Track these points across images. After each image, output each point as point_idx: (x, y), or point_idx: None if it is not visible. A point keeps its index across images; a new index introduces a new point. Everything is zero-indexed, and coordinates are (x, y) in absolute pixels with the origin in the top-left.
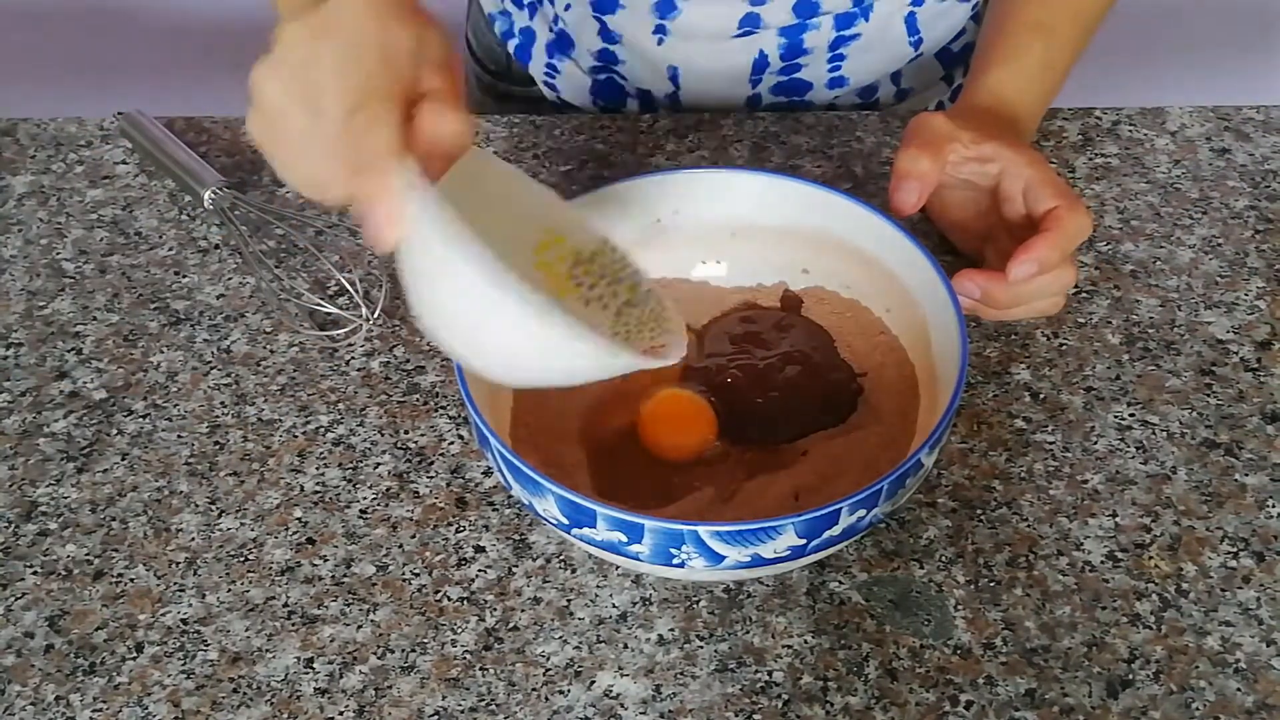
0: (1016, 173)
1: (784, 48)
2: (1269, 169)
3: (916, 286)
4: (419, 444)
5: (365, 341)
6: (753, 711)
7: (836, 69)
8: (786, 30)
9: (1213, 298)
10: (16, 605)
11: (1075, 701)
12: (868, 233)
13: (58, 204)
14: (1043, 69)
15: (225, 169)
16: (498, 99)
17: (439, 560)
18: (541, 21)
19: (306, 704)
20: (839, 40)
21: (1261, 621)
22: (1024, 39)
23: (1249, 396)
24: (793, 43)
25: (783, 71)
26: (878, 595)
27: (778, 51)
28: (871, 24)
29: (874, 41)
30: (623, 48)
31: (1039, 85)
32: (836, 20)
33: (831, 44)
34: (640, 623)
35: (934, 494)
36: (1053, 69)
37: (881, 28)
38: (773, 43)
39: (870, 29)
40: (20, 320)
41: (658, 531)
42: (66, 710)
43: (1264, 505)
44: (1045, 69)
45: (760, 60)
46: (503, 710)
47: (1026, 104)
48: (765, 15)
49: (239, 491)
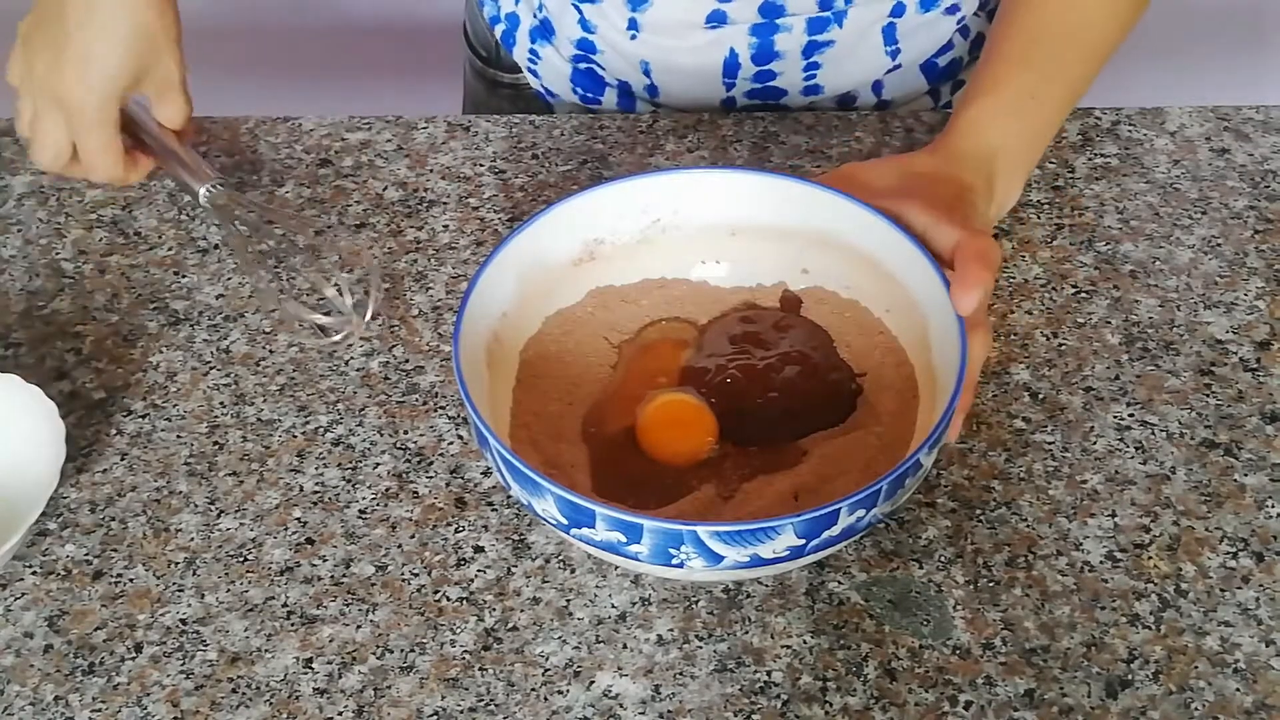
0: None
1: (755, 48)
2: (1269, 169)
3: (916, 287)
4: (418, 444)
5: (364, 342)
6: (752, 711)
7: (811, 77)
8: (757, 29)
9: (1212, 298)
10: (16, 605)
11: (1074, 702)
12: (867, 233)
13: (57, 204)
14: (1027, 100)
15: (225, 169)
16: (488, 85)
17: (438, 560)
18: (526, 7)
19: (306, 704)
20: (812, 46)
21: (1261, 621)
22: (1008, 71)
23: (1248, 396)
24: (763, 43)
25: (756, 78)
26: (877, 595)
27: (749, 52)
28: (846, 31)
29: (850, 50)
30: (599, 38)
31: (1023, 117)
32: (808, 24)
33: (804, 49)
34: (639, 623)
35: (933, 494)
36: (1039, 100)
37: (857, 36)
38: (743, 42)
39: (845, 36)
40: (20, 320)
41: (656, 532)
42: (65, 710)
43: (1263, 505)
44: (1030, 100)
45: (731, 60)
46: (502, 710)
47: (1007, 137)
48: (731, 12)
49: (238, 491)
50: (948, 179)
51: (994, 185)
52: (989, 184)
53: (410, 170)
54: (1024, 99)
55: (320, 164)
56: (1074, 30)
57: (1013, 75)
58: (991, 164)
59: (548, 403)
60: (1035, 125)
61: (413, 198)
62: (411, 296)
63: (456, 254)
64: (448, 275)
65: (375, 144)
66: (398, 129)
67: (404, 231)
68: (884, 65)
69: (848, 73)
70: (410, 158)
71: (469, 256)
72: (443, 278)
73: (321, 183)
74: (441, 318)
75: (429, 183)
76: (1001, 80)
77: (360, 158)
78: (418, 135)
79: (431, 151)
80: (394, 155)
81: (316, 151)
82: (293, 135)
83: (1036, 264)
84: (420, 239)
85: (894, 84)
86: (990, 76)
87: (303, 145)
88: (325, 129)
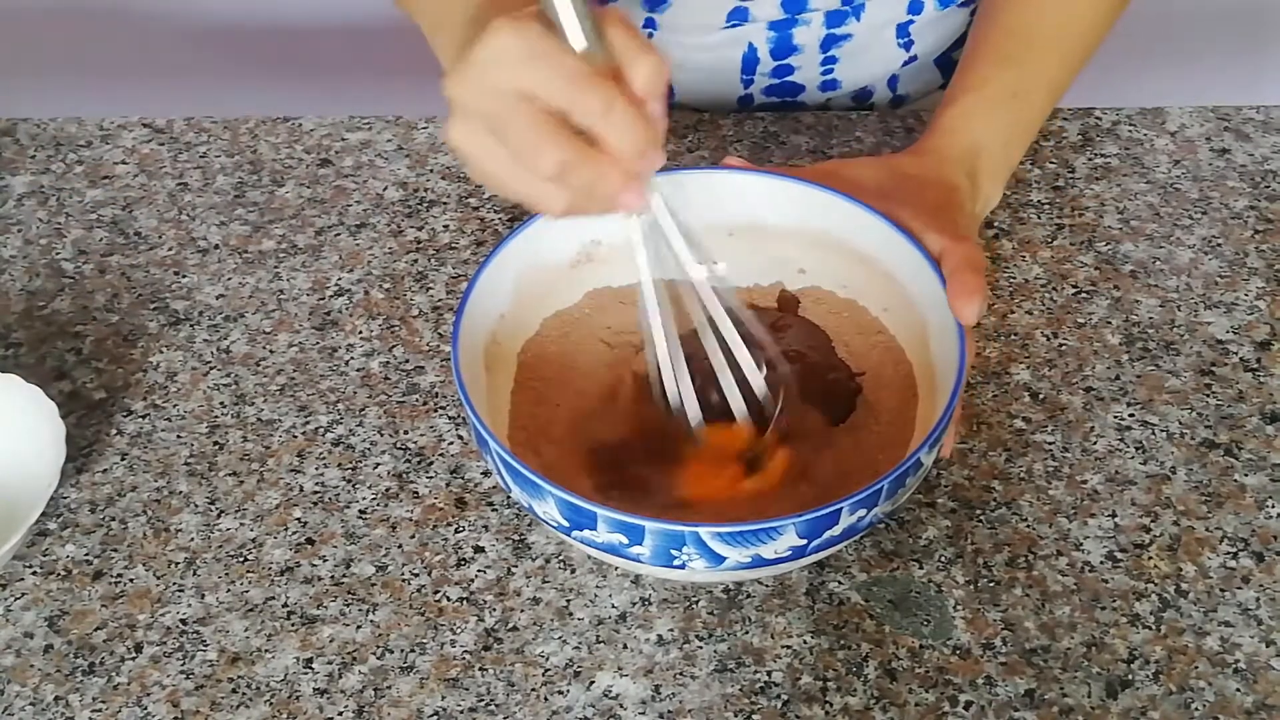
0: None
1: (774, 42)
2: (1269, 169)
3: (914, 286)
4: (418, 444)
5: (364, 341)
6: (752, 712)
7: (829, 71)
8: (776, 24)
9: (1212, 298)
10: (16, 605)
11: (1075, 702)
12: (865, 233)
13: (57, 204)
14: (1009, 98)
15: (225, 169)
16: None
17: (438, 560)
18: None
19: (306, 704)
20: (830, 40)
21: (1261, 622)
22: (990, 69)
23: (1249, 397)
24: (782, 37)
25: (774, 73)
26: (877, 595)
27: (767, 47)
28: (863, 24)
29: (866, 44)
30: None
31: (1006, 115)
32: (827, 18)
33: (823, 43)
34: (640, 623)
35: (933, 494)
36: (1022, 98)
37: (874, 30)
38: (762, 36)
39: (862, 29)
40: (20, 320)
41: (658, 533)
42: (66, 710)
43: (1263, 505)
44: (1012, 98)
45: (750, 56)
46: (502, 710)
47: (990, 134)
48: (754, 9)
49: (238, 491)
50: (935, 182)
51: (978, 183)
52: (974, 182)
53: (410, 170)
54: (1007, 97)
55: (320, 164)
56: (1056, 29)
57: (996, 73)
58: (975, 161)
59: (546, 404)
60: (1018, 123)
61: (413, 198)
62: (411, 296)
63: (457, 254)
64: (448, 275)
65: (375, 144)
66: (398, 129)
67: (404, 231)
68: (899, 59)
69: (864, 67)
70: (410, 158)
71: (469, 256)
72: (443, 278)
73: (321, 183)
74: (441, 318)
75: (429, 183)
76: (984, 79)
77: (360, 158)
78: (418, 135)
79: (432, 151)
80: (394, 155)
81: (316, 151)
82: (293, 135)
83: (1037, 264)
84: (420, 239)
85: (909, 78)
86: (973, 75)
87: (303, 145)
88: (325, 129)
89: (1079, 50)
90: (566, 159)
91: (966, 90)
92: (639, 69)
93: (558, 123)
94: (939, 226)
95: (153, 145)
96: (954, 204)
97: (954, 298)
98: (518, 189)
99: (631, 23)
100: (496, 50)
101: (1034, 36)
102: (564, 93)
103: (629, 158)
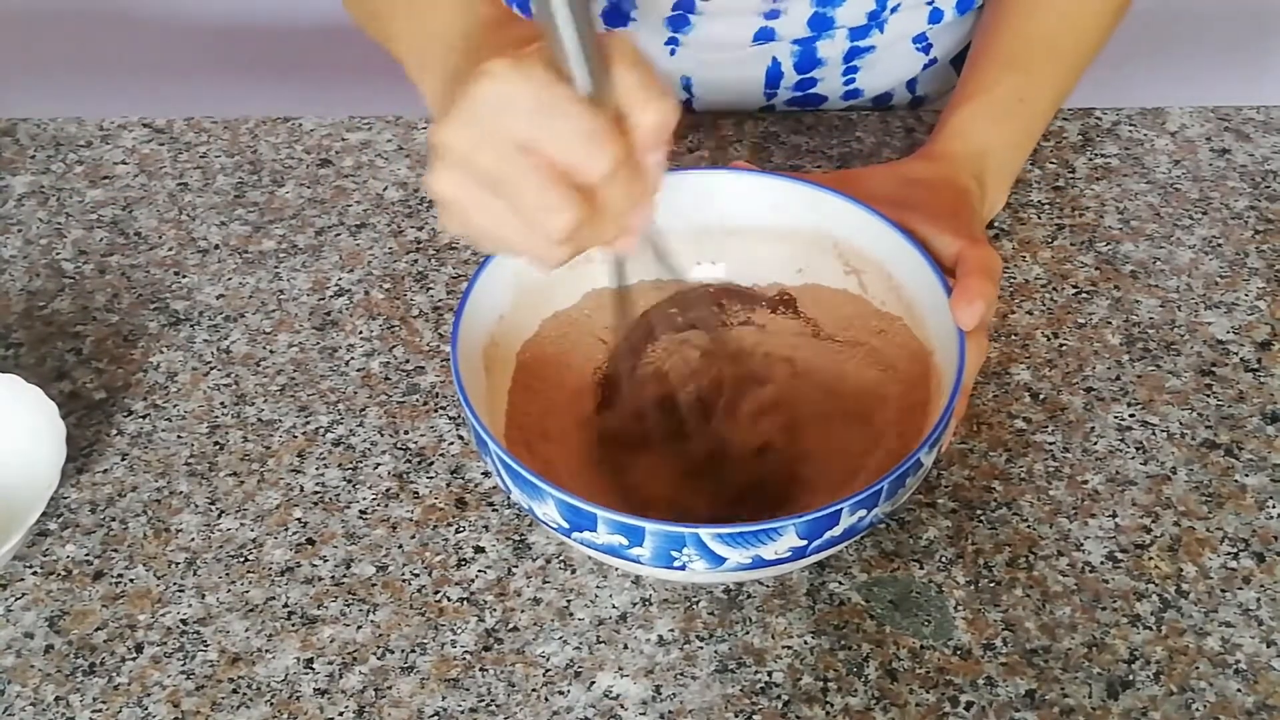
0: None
1: (798, 56)
2: (1269, 169)
3: (914, 286)
4: (419, 444)
5: (364, 341)
6: (752, 712)
7: (851, 81)
8: (801, 40)
9: (1213, 298)
10: (16, 605)
11: (1075, 702)
12: (865, 233)
13: (57, 204)
14: (1016, 103)
15: (225, 169)
16: None
17: (439, 561)
18: None
19: (306, 704)
20: (853, 51)
21: (1261, 622)
22: (997, 74)
23: (1249, 397)
24: (806, 51)
25: (798, 86)
26: (878, 596)
27: (791, 61)
28: (886, 35)
29: (887, 53)
30: None
31: (1012, 120)
32: (851, 32)
33: (846, 55)
34: (640, 623)
35: (934, 494)
36: (1028, 103)
37: (895, 40)
38: (786, 51)
39: (884, 40)
40: (20, 320)
41: (659, 534)
42: (66, 710)
43: (1264, 506)
44: (1018, 103)
45: (774, 71)
46: (502, 711)
47: (996, 139)
48: (780, 29)
49: (239, 492)
50: (946, 185)
51: (985, 186)
52: (981, 185)
53: (411, 170)
54: (1014, 102)
55: (320, 164)
56: (1061, 34)
57: (1001, 78)
58: (983, 165)
59: (545, 405)
60: (1023, 128)
61: (413, 198)
62: (412, 297)
63: (457, 254)
64: (448, 275)
65: (375, 144)
66: (398, 129)
67: (404, 231)
68: (919, 64)
69: (885, 74)
70: (411, 158)
71: (469, 256)
72: (443, 278)
73: (321, 183)
74: (442, 318)
75: None
76: (990, 83)
77: (360, 158)
78: (418, 135)
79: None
80: (394, 155)
81: (316, 151)
82: (293, 135)
83: (1037, 264)
84: (421, 239)
85: (927, 80)
86: (978, 79)
87: (303, 145)
88: (325, 129)
89: (1082, 56)
90: (580, 220)
91: (974, 94)
92: (646, 118)
93: (568, 181)
94: (954, 229)
95: (153, 145)
96: (966, 206)
97: (957, 299)
98: (515, 244)
99: (642, 57)
100: (501, 97)
101: (1040, 42)
102: (574, 153)
103: (626, 215)
